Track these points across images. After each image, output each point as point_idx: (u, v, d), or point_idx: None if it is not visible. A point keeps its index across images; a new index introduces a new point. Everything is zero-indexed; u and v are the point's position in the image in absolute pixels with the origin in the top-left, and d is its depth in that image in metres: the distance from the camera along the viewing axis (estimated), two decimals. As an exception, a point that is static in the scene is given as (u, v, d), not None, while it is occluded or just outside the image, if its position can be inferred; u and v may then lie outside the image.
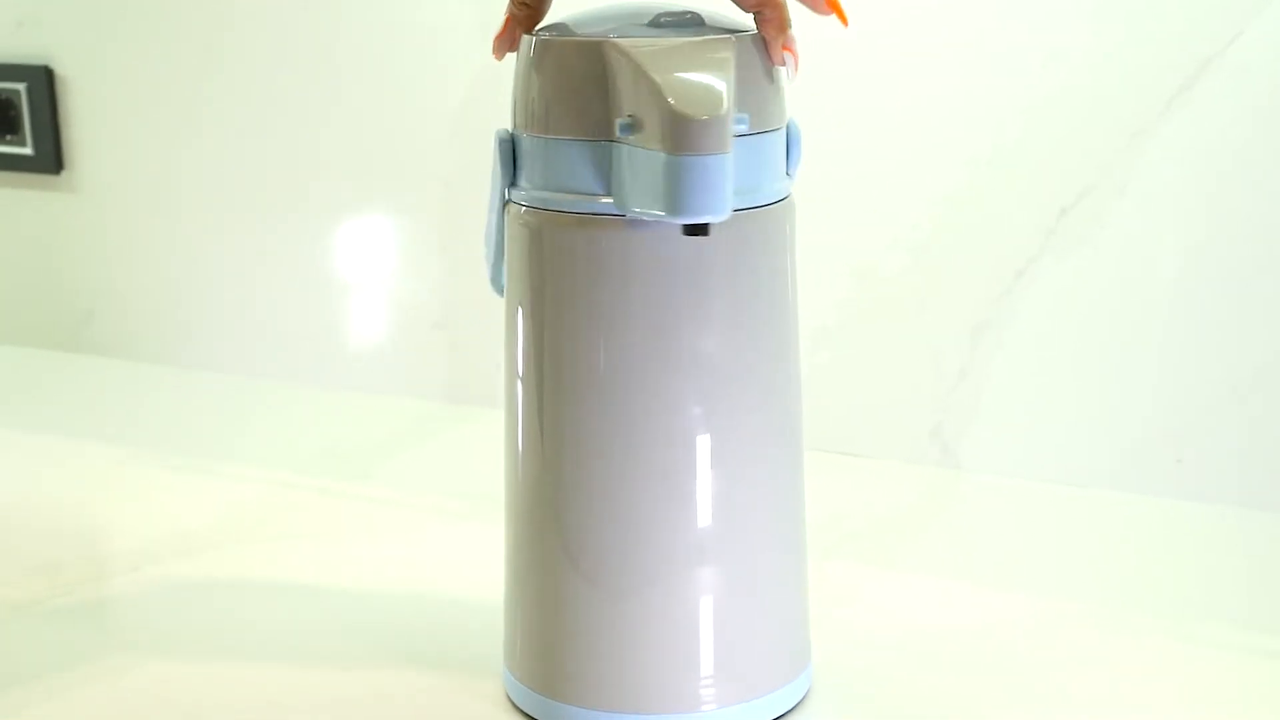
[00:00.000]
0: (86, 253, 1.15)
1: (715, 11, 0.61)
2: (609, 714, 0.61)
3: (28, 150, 1.14)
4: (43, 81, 1.12)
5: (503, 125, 0.62)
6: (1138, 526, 0.84)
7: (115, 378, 1.12)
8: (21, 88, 1.13)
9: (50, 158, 1.14)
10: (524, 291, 0.61)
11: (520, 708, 0.64)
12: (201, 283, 1.12)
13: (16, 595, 0.77)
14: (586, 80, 0.58)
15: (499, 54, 0.62)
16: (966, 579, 0.77)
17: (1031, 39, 0.86)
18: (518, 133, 0.61)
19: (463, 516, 0.85)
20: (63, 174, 1.14)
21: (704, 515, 0.60)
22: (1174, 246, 0.85)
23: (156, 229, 1.12)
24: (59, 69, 1.12)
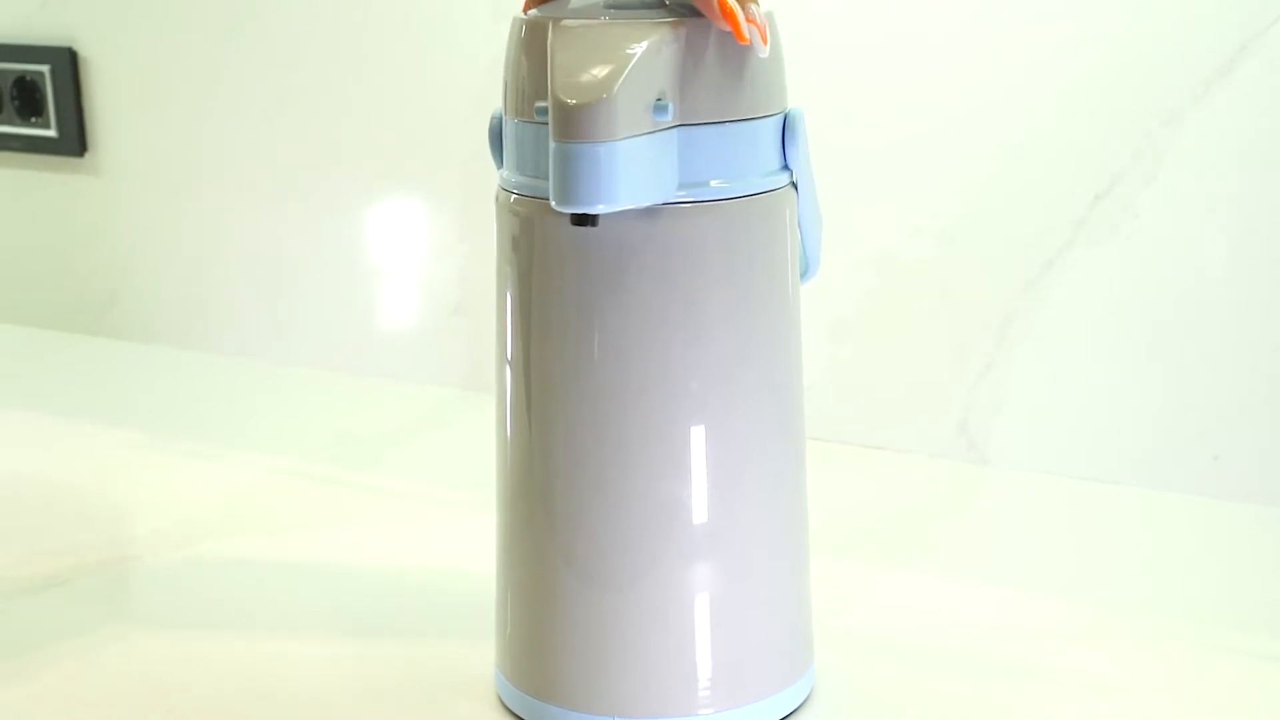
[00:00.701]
0: (109, 235, 1.15)
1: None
2: (599, 719, 0.59)
3: (51, 132, 1.13)
4: (66, 63, 1.11)
5: None
6: (1170, 525, 0.82)
7: (137, 361, 1.12)
8: (45, 70, 1.12)
9: (74, 140, 1.13)
10: (513, 281, 0.59)
11: (511, 709, 0.63)
12: (223, 266, 1.11)
13: (29, 575, 0.77)
14: (542, 62, 0.55)
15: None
16: (989, 578, 0.75)
17: (1064, 18, 0.83)
18: (505, 116, 0.59)
19: (474, 507, 0.83)
20: (86, 156, 1.14)
21: (699, 509, 0.58)
22: (1210, 235, 0.82)
23: (179, 212, 1.12)
24: (83, 51, 1.12)
